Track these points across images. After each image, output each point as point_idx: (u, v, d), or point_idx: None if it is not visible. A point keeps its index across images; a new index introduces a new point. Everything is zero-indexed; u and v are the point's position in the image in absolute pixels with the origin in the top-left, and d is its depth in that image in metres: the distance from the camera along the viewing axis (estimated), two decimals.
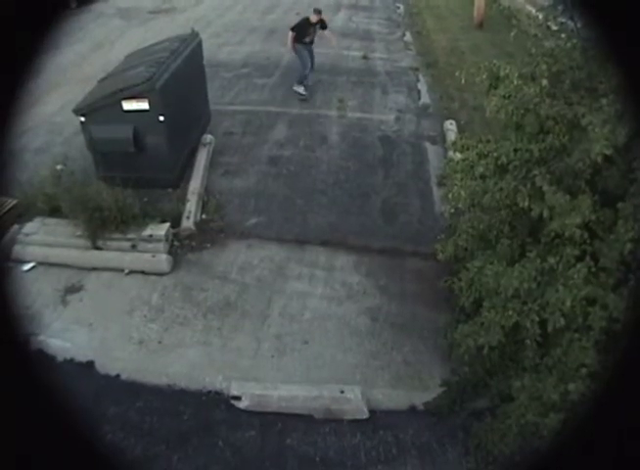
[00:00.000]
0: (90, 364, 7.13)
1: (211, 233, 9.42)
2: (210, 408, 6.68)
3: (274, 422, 6.53)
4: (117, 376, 7.01)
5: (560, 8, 6.60)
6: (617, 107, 4.98)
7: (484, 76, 6.36)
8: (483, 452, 5.85)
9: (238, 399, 6.72)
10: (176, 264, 8.77)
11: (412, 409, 6.77)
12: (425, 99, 14.44)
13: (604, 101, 5.24)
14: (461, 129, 11.92)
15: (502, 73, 6.22)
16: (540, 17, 6.80)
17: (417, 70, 16.41)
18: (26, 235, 8.86)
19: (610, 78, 5.37)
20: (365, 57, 17.25)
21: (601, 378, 4.55)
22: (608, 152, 4.97)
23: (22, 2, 2.37)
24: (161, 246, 8.81)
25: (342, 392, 6.74)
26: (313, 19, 14.05)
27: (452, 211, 7.23)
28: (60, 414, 2.57)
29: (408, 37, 19.57)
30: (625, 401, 2.53)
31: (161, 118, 9.38)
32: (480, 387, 6.46)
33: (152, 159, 9.66)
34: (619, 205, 5.26)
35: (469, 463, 6.04)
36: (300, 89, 14.29)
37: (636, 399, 2.53)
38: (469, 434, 6.20)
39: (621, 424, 2.47)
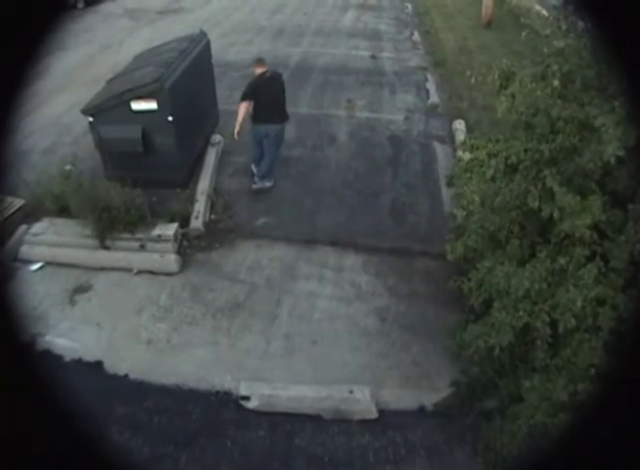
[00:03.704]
0: (98, 364, 7.13)
1: (220, 233, 9.42)
2: (219, 408, 6.68)
3: (283, 422, 6.52)
4: (126, 376, 7.01)
5: (570, 7, 6.58)
6: (628, 108, 4.96)
7: (496, 76, 6.34)
8: (492, 453, 5.81)
9: (247, 399, 6.71)
10: (185, 264, 8.77)
11: (421, 410, 6.75)
12: (433, 98, 14.41)
13: (616, 103, 5.22)
14: (470, 129, 11.89)
15: (515, 73, 6.20)
16: (551, 17, 6.78)
17: (425, 69, 16.41)
18: (34, 235, 8.87)
19: (617, 78, 5.36)
20: (373, 56, 17.26)
21: (608, 378, 4.53)
22: (620, 153, 4.95)
23: (26, 2, 2.36)
24: (170, 246, 8.82)
25: (352, 392, 6.73)
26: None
27: (463, 211, 7.21)
28: (66, 414, 2.56)
29: (416, 37, 19.57)
30: (629, 402, 2.52)
31: (170, 119, 9.38)
32: (489, 387, 6.43)
33: (160, 159, 9.66)
34: (629, 206, 5.25)
35: (477, 464, 6.01)
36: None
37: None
38: (478, 435, 6.17)
39: (624, 424, 2.45)
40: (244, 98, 9.78)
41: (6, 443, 2.24)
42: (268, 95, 9.83)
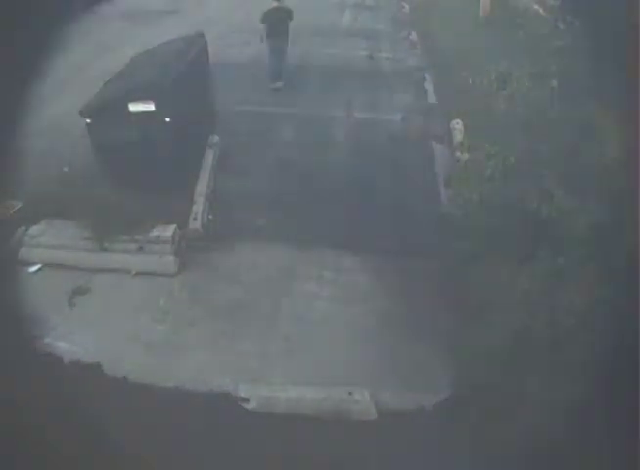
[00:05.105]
0: (97, 366, 7.11)
1: (219, 234, 9.40)
2: (218, 410, 6.66)
3: (282, 424, 6.51)
4: (125, 378, 6.99)
5: (568, 7, 6.58)
6: (626, 107, 4.95)
7: (493, 78, 6.34)
8: (493, 454, 5.81)
9: (245, 400, 6.70)
10: (183, 266, 8.75)
11: (420, 410, 6.74)
12: (431, 98, 14.40)
13: (615, 102, 5.21)
14: (468, 129, 11.87)
15: (511, 74, 6.21)
16: (549, 16, 6.78)
17: (423, 69, 16.38)
18: (32, 237, 8.86)
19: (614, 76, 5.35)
20: (371, 57, 17.24)
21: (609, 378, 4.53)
22: (621, 154, 4.94)
23: (27, 5, 2.36)
24: (168, 247, 8.80)
25: (351, 393, 6.72)
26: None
27: (461, 211, 7.21)
28: (66, 416, 2.57)
29: (414, 36, 19.52)
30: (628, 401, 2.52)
31: (168, 120, 9.35)
32: (488, 388, 6.42)
33: (158, 160, 9.62)
34: (628, 206, 5.24)
35: (477, 465, 6.00)
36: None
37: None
38: (477, 436, 6.16)
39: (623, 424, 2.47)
40: (261, 21, 14.40)
41: (6, 441, 2.24)
42: (274, 20, 14.31)
